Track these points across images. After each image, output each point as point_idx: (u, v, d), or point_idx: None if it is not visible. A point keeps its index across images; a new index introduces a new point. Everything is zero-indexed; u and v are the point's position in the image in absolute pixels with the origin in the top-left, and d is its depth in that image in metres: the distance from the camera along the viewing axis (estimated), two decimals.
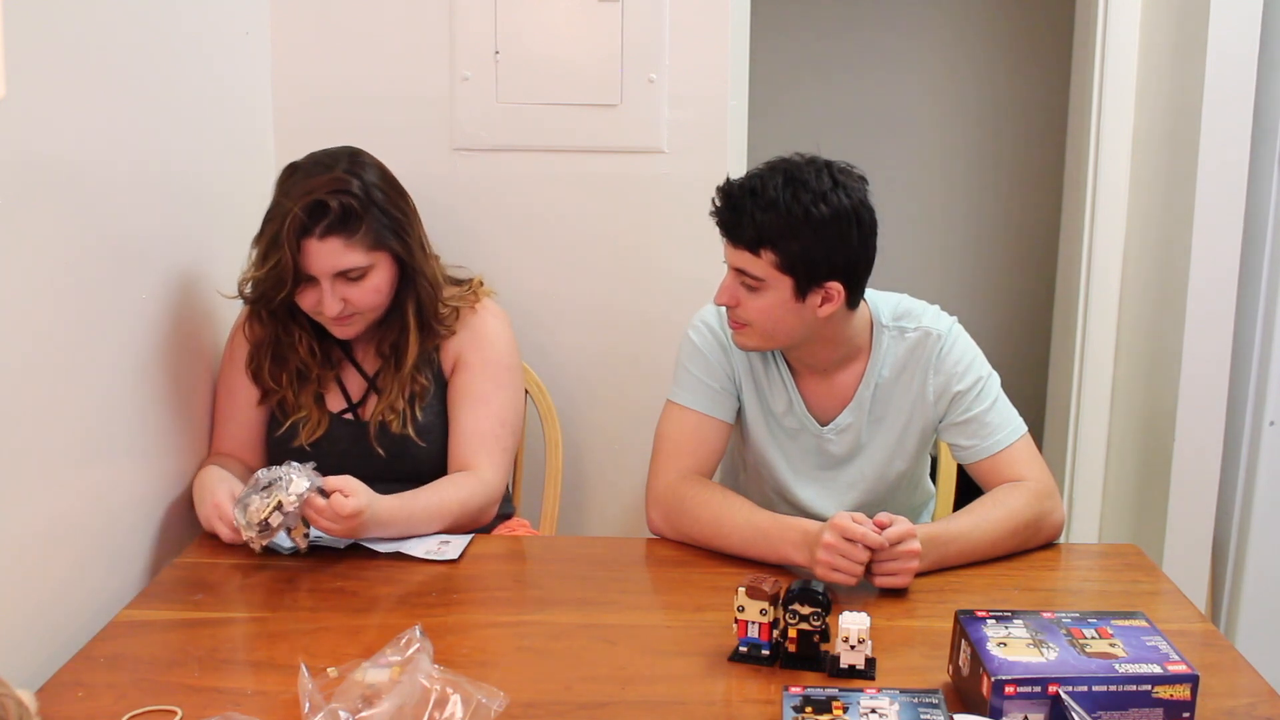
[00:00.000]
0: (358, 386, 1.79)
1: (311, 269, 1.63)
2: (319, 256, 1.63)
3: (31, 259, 1.33)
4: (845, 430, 1.72)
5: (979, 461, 1.68)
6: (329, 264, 1.63)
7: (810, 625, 1.25)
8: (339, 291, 1.65)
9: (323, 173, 1.65)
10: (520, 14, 2.10)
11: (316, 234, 1.61)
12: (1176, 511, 2.23)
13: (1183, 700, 1.11)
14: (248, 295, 1.74)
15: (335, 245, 1.62)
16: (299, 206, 1.60)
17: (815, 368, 1.71)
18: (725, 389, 1.72)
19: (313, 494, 1.49)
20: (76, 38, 1.43)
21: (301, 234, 1.61)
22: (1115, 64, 2.31)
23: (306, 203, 1.61)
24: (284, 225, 1.60)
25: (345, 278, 1.65)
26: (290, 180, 1.67)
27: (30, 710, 0.99)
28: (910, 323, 1.71)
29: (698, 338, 1.73)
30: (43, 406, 1.36)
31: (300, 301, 1.68)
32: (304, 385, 1.75)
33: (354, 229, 1.63)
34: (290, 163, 1.70)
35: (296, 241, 1.61)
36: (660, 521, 1.68)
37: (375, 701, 1.08)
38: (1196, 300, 2.15)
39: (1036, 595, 1.52)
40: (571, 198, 2.17)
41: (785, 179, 1.55)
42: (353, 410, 1.78)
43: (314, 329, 1.75)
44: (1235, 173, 2.12)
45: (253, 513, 1.47)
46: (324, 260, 1.63)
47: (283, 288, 1.64)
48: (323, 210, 1.61)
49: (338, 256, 1.63)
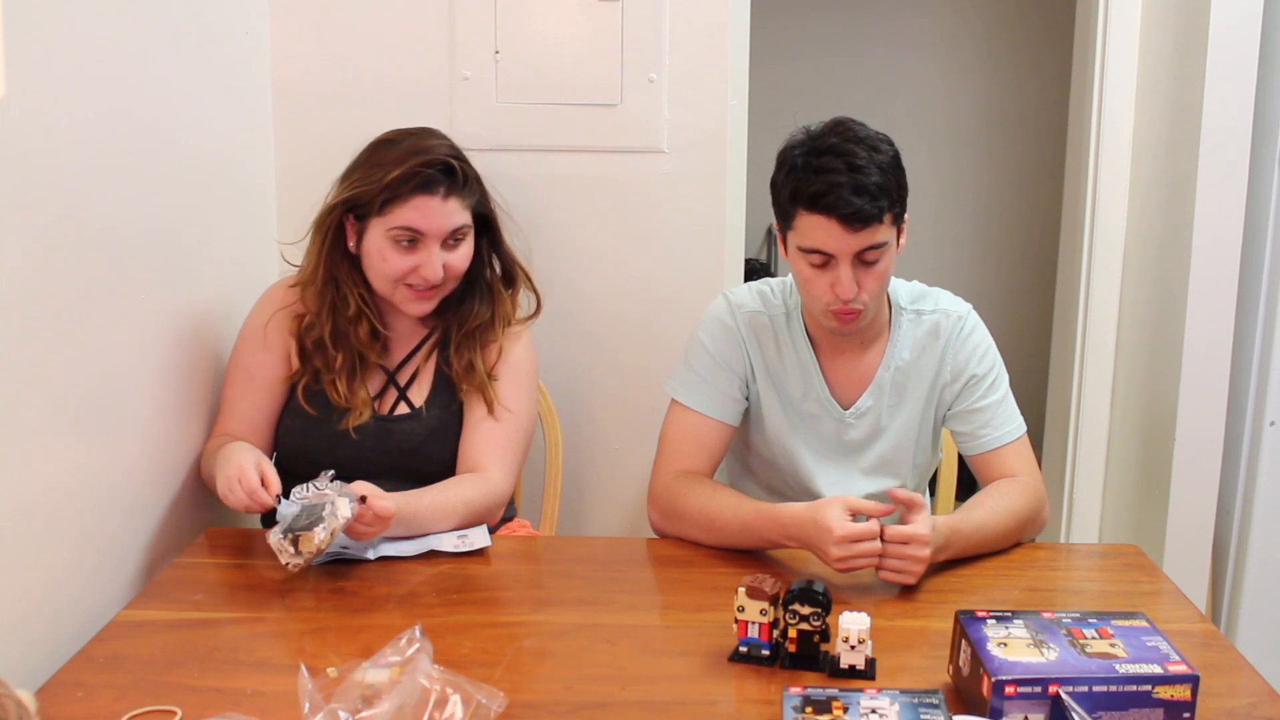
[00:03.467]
0: (377, 381, 1.78)
1: (425, 226, 1.65)
2: (441, 214, 1.66)
3: (31, 258, 1.33)
4: (865, 414, 1.72)
5: (982, 453, 1.69)
6: (448, 223, 1.67)
7: (810, 625, 1.25)
8: (442, 256, 1.67)
9: (423, 138, 1.69)
10: (520, 14, 2.10)
11: (440, 193, 1.65)
12: (1176, 511, 2.23)
13: (1183, 700, 1.10)
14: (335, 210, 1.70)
15: (454, 205, 1.67)
16: (420, 163, 1.63)
17: (846, 347, 1.70)
18: (731, 393, 1.72)
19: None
20: (76, 37, 1.43)
21: (424, 189, 1.64)
22: (1115, 64, 2.31)
23: (427, 161, 1.64)
24: (405, 182, 1.63)
25: (448, 242, 1.68)
26: (389, 149, 1.68)
27: (30, 710, 0.99)
28: (928, 305, 1.72)
29: (707, 337, 1.73)
30: (42, 406, 1.36)
31: (388, 268, 1.67)
32: (353, 371, 1.74)
33: (467, 189, 1.69)
34: (378, 138, 1.72)
35: (413, 197, 1.64)
36: (659, 520, 1.69)
37: (375, 701, 1.08)
38: (1197, 300, 2.15)
39: (1036, 595, 1.52)
40: (571, 198, 2.17)
41: (845, 138, 1.53)
42: (370, 405, 1.76)
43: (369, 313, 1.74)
44: (1235, 173, 2.12)
45: (317, 545, 1.44)
46: (445, 219, 1.66)
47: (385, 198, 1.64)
48: (447, 170, 1.66)
49: (455, 215, 1.67)
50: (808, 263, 1.57)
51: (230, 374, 1.80)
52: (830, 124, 1.57)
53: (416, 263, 1.66)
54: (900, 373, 1.72)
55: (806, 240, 1.54)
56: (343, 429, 1.72)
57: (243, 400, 1.77)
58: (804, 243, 1.55)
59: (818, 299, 1.59)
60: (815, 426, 1.74)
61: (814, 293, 1.58)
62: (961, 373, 1.70)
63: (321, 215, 1.72)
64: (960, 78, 4.25)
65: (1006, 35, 4.21)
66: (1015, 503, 1.61)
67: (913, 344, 1.71)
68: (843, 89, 4.18)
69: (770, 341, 1.72)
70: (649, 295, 2.20)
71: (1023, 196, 4.27)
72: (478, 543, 1.60)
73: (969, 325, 1.71)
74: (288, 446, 1.77)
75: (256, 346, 1.77)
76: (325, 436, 1.73)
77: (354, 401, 1.73)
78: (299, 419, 1.75)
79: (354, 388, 1.73)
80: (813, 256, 1.55)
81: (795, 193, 1.53)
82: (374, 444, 1.73)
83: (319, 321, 1.73)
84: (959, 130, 4.25)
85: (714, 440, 1.72)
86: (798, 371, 1.72)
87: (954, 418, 1.72)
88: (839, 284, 1.55)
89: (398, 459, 1.73)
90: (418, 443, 1.74)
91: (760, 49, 2.34)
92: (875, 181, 1.50)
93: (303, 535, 1.44)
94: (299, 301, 1.76)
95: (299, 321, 1.75)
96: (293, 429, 1.76)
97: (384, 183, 1.63)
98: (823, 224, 1.51)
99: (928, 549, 1.44)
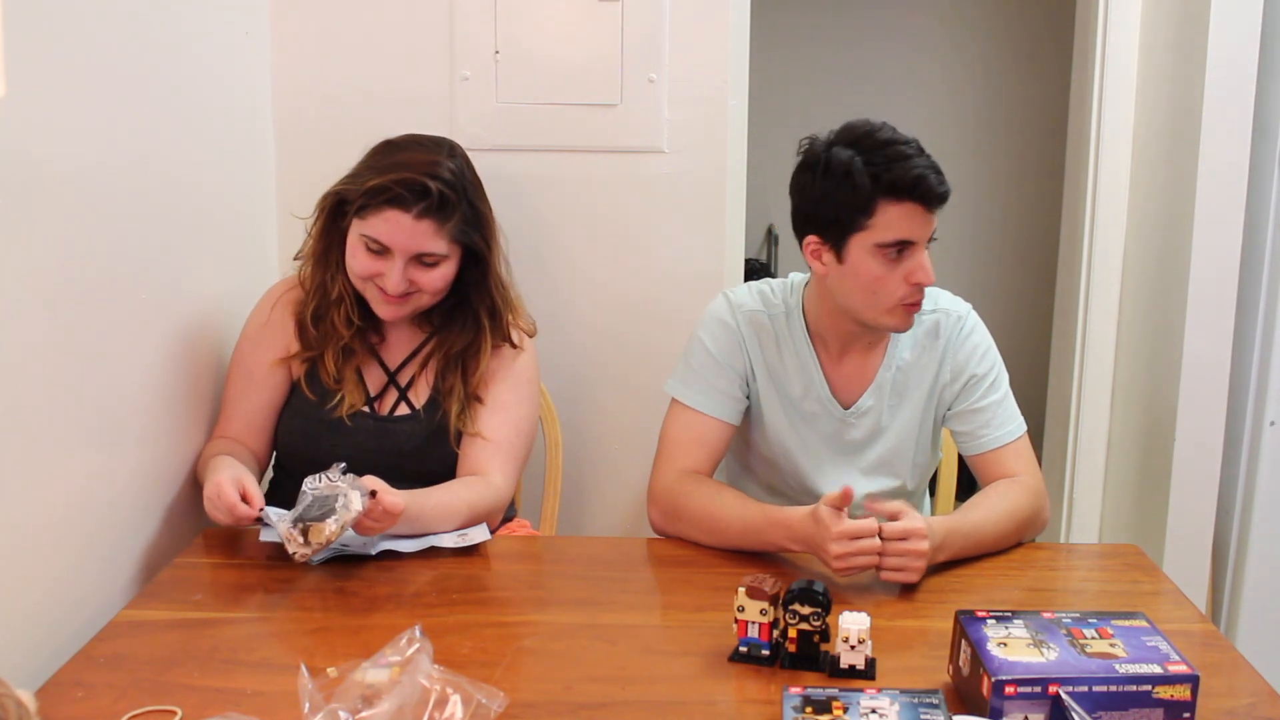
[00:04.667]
0: (377, 381, 1.78)
1: (391, 242, 1.63)
2: (408, 234, 1.62)
3: (31, 258, 1.33)
4: (866, 414, 1.72)
5: (982, 453, 1.69)
6: (413, 244, 1.63)
7: (810, 625, 1.25)
8: (409, 272, 1.65)
9: (425, 153, 1.66)
10: (520, 14, 2.10)
11: (414, 212, 1.62)
12: (1176, 511, 2.23)
13: (1183, 700, 1.10)
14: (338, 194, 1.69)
15: (427, 228, 1.63)
16: (397, 180, 1.60)
17: (849, 346, 1.71)
18: (732, 392, 1.72)
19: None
20: (76, 38, 1.43)
21: (397, 204, 1.61)
22: (1115, 64, 2.31)
23: (407, 179, 1.61)
24: (380, 193, 1.60)
25: (420, 261, 1.65)
26: (387, 154, 1.67)
27: (30, 710, 0.99)
28: (928, 304, 1.72)
29: (707, 336, 1.73)
30: (41, 405, 1.36)
31: (355, 265, 1.67)
32: (344, 356, 1.74)
33: (448, 216, 1.64)
34: (385, 140, 1.71)
35: (384, 209, 1.61)
36: (659, 520, 1.69)
37: (375, 701, 1.07)
38: (1197, 300, 2.15)
39: (1036, 595, 1.52)
40: (571, 198, 2.17)
41: (893, 132, 1.56)
42: (370, 404, 1.76)
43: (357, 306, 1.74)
44: (1235, 173, 2.12)
45: (327, 537, 1.44)
46: (410, 239, 1.63)
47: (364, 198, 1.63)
48: (424, 192, 1.62)
49: (425, 239, 1.63)
50: (884, 258, 1.56)
51: (231, 374, 1.80)
52: (859, 124, 1.58)
53: (381, 270, 1.65)
54: (901, 372, 1.72)
55: (890, 233, 1.54)
56: (337, 419, 1.72)
57: (243, 400, 1.77)
58: (886, 236, 1.54)
59: (890, 295, 1.58)
60: (815, 426, 1.74)
61: (887, 289, 1.57)
62: (961, 372, 1.70)
63: (322, 197, 1.72)
64: (960, 77, 4.25)
65: (1007, 34, 4.22)
66: (1014, 503, 1.61)
67: (913, 344, 1.71)
68: (842, 86, 4.18)
69: (771, 341, 1.72)
70: (648, 295, 2.20)
71: (1023, 195, 4.27)
72: (476, 538, 1.60)
73: (969, 325, 1.72)
74: (287, 446, 1.78)
75: (256, 343, 1.77)
76: (325, 435, 1.73)
77: (344, 386, 1.73)
78: (298, 418, 1.75)
79: (343, 371, 1.73)
80: (890, 250, 1.55)
81: (881, 184, 1.52)
82: (374, 444, 1.73)
83: (308, 298, 1.74)
84: (959, 129, 4.25)
85: (714, 440, 1.71)
86: (798, 371, 1.72)
87: (954, 417, 1.72)
88: (920, 270, 1.55)
89: (396, 460, 1.72)
90: (417, 444, 1.74)
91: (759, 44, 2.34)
92: (939, 167, 1.54)
93: (313, 526, 1.44)
94: (299, 288, 1.78)
95: (299, 303, 1.76)
96: (292, 428, 1.76)
97: (363, 188, 1.63)
98: (909, 211, 1.53)
99: (926, 542, 1.44)
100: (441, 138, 1.73)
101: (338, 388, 1.73)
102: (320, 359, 1.74)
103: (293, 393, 1.77)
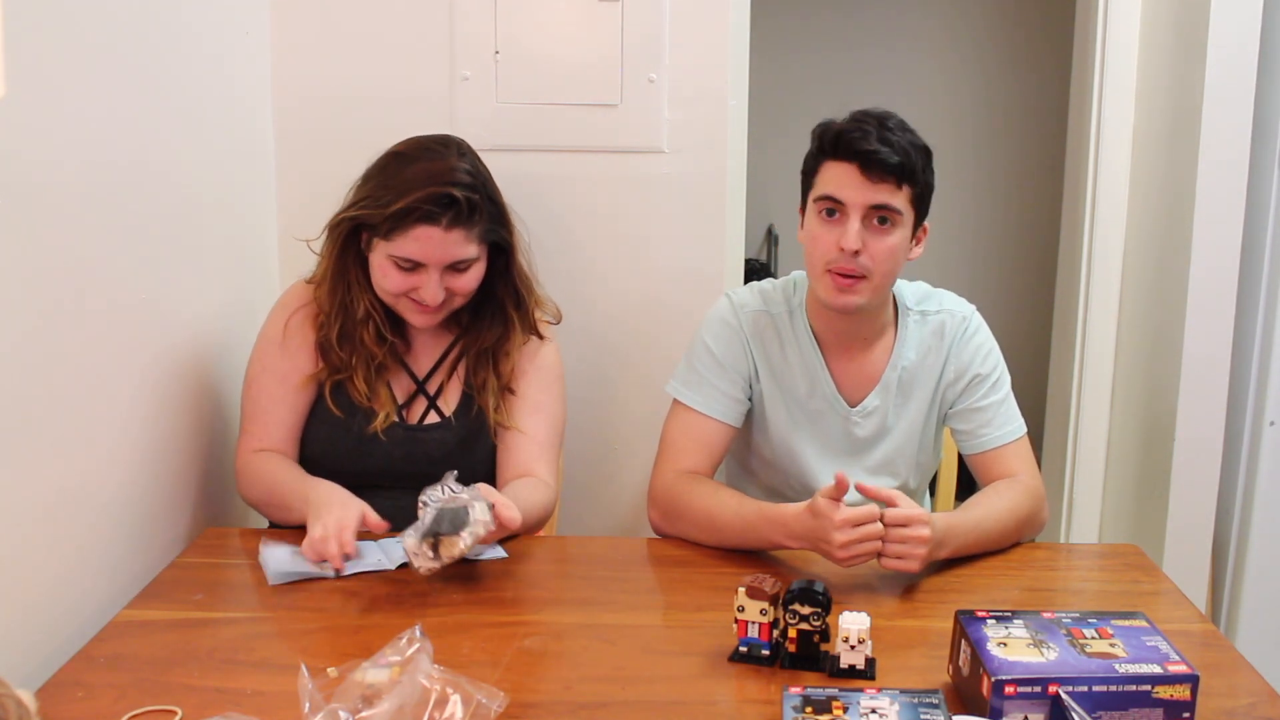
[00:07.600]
0: (405, 389, 1.76)
1: (425, 257, 1.61)
2: (440, 247, 1.61)
3: (31, 257, 1.33)
4: (872, 413, 1.73)
5: (982, 453, 1.69)
6: (447, 255, 1.62)
7: (810, 625, 1.25)
8: (444, 280, 1.64)
9: (437, 160, 1.63)
10: (520, 14, 2.10)
11: (443, 225, 1.60)
12: (1176, 511, 2.23)
13: (1183, 700, 1.10)
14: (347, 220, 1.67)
15: (458, 237, 1.61)
16: (422, 198, 1.58)
17: (850, 344, 1.71)
18: (734, 394, 1.72)
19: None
20: (76, 38, 1.43)
21: (426, 221, 1.59)
22: (1115, 64, 2.31)
23: (433, 194, 1.58)
24: (408, 215, 1.58)
25: (453, 268, 1.64)
26: (399, 169, 1.64)
27: (30, 710, 0.99)
28: (933, 305, 1.73)
29: (710, 337, 1.73)
30: (41, 405, 1.36)
31: (388, 284, 1.65)
32: (370, 370, 1.71)
33: (475, 220, 1.63)
34: (391, 152, 1.68)
35: (414, 228, 1.59)
36: (659, 520, 1.69)
37: (375, 701, 1.08)
38: (1197, 300, 2.16)
39: (1036, 595, 1.52)
40: (571, 198, 2.17)
41: (886, 112, 1.56)
42: (398, 412, 1.74)
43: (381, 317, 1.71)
44: (1235, 172, 2.12)
45: (460, 551, 1.39)
46: (444, 251, 1.61)
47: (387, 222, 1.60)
48: (450, 202, 1.60)
49: (457, 248, 1.62)
50: (821, 217, 1.58)
51: (256, 380, 1.74)
52: (851, 117, 1.59)
53: (416, 284, 1.64)
54: (906, 373, 1.72)
55: (823, 188, 1.57)
56: (370, 433, 1.70)
57: (278, 406, 1.72)
58: (820, 192, 1.57)
59: (820, 257, 1.59)
60: (820, 424, 1.74)
61: (819, 249, 1.58)
62: (964, 372, 1.71)
63: (334, 220, 1.69)
64: (960, 78, 4.25)
65: (1006, 34, 4.22)
66: (1014, 502, 1.61)
67: (918, 344, 1.72)
68: (842, 85, 4.18)
69: (774, 339, 1.72)
70: (649, 295, 2.20)
71: (1023, 195, 4.27)
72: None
73: (973, 326, 1.73)
74: (314, 454, 1.74)
75: (282, 349, 1.73)
76: (352, 443, 1.71)
77: (377, 402, 1.70)
78: (325, 425, 1.72)
79: (375, 388, 1.71)
80: (823, 207, 1.57)
81: (823, 141, 1.56)
82: (403, 453, 1.71)
83: (329, 321, 1.71)
84: (959, 130, 4.25)
85: (715, 441, 1.72)
86: (802, 369, 1.72)
87: (955, 416, 1.73)
88: (845, 236, 1.54)
89: (426, 468, 1.65)
90: (447, 451, 1.72)
91: (759, 45, 2.34)
92: (902, 145, 1.53)
93: (445, 540, 1.39)
94: (314, 304, 1.74)
95: (317, 321, 1.73)
96: (319, 436, 1.73)
97: (388, 211, 1.60)
98: (843, 170, 1.54)
99: (927, 529, 1.44)
100: (445, 136, 1.71)
101: (368, 404, 1.71)
102: (350, 379, 1.71)
103: (317, 402, 1.74)
